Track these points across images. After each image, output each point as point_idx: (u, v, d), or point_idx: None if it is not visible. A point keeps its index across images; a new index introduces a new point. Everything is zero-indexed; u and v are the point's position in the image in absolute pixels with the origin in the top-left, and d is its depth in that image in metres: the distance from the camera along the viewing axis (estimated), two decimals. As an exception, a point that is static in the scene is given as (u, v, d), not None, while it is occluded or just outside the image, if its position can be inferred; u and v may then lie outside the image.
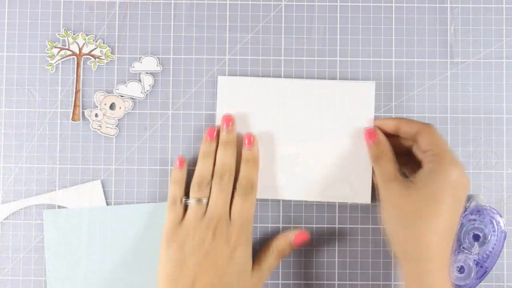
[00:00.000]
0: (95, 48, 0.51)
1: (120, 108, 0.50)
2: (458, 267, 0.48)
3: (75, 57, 0.51)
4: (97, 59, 0.51)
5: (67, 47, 0.51)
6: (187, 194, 0.47)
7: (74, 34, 0.51)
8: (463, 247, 0.48)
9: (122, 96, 0.50)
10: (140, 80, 0.51)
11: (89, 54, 0.51)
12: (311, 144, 0.49)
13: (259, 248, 0.48)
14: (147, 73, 0.51)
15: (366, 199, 0.49)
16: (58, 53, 0.51)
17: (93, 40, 0.51)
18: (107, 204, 0.50)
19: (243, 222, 0.45)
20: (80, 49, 0.51)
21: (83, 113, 0.50)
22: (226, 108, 0.49)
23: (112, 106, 0.50)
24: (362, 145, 0.49)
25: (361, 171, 0.49)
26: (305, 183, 0.49)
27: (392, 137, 0.47)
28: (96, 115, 0.50)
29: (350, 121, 0.49)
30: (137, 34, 0.51)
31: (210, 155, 0.47)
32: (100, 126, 0.50)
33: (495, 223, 0.48)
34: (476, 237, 0.48)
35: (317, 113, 0.49)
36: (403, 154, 0.47)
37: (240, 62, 0.51)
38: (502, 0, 0.51)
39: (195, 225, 0.44)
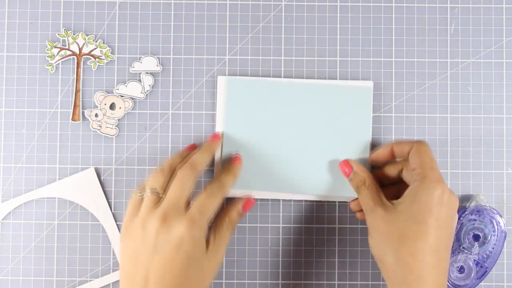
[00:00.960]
0: (95, 48, 0.51)
1: (120, 108, 0.50)
2: (458, 267, 0.48)
3: (75, 57, 0.51)
4: (97, 59, 0.51)
5: (67, 47, 0.51)
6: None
7: (74, 34, 0.51)
8: (463, 247, 0.48)
9: (122, 96, 0.50)
10: (140, 80, 0.51)
11: (89, 54, 0.51)
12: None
13: (211, 225, 0.44)
14: (147, 73, 0.51)
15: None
16: (58, 53, 0.51)
17: (93, 40, 0.51)
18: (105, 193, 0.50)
19: (199, 216, 0.41)
20: (80, 49, 0.51)
21: (83, 113, 0.50)
22: (226, 108, 0.49)
23: (112, 106, 0.50)
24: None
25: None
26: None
27: (381, 169, 0.47)
28: (96, 115, 0.50)
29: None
30: (137, 34, 0.51)
31: (181, 157, 0.46)
32: (100, 126, 0.50)
33: (495, 223, 0.48)
34: (476, 237, 0.48)
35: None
36: (395, 183, 0.47)
37: (240, 62, 0.51)
38: (502, 0, 0.51)
39: (146, 216, 0.41)
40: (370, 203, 0.43)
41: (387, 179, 0.47)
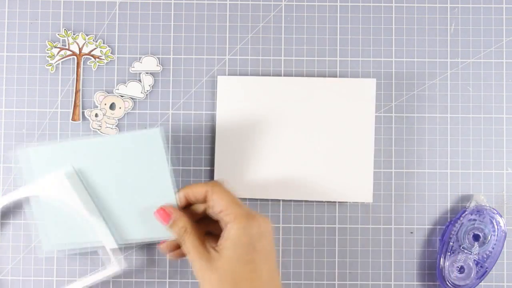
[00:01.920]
0: (95, 48, 0.51)
1: (120, 108, 0.50)
2: (458, 267, 0.48)
3: (75, 57, 0.51)
4: (97, 59, 0.51)
5: (67, 47, 0.51)
6: None
7: (74, 34, 0.51)
8: (463, 247, 0.48)
9: (122, 96, 0.50)
10: (140, 80, 0.51)
11: (89, 54, 0.51)
12: (312, 143, 0.49)
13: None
14: (147, 73, 0.51)
15: (366, 198, 0.49)
16: (58, 53, 0.51)
17: (93, 40, 0.51)
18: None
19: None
20: (80, 49, 0.51)
21: (83, 113, 0.50)
22: (226, 108, 0.49)
23: (112, 106, 0.50)
24: (362, 144, 0.49)
25: (361, 170, 0.49)
26: (305, 182, 0.49)
27: (189, 208, 0.45)
28: (96, 115, 0.50)
29: (351, 119, 0.49)
30: (137, 34, 0.51)
31: None
32: (100, 126, 0.50)
33: (495, 223, 0.48)
34: (476, 237, 0.48)
35: (317, 111, 0.49)
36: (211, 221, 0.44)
37: (240, 62, 0.51)
38: (502, 0, 0.51)
39: None
40: (196, 255, 0.41)
41: (197, 216, 0.44)
